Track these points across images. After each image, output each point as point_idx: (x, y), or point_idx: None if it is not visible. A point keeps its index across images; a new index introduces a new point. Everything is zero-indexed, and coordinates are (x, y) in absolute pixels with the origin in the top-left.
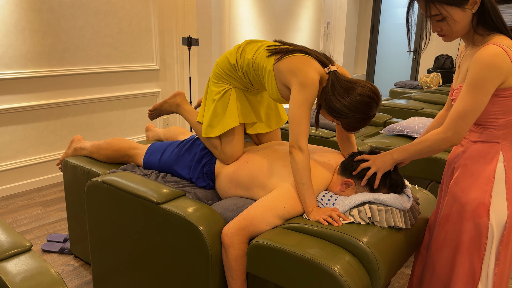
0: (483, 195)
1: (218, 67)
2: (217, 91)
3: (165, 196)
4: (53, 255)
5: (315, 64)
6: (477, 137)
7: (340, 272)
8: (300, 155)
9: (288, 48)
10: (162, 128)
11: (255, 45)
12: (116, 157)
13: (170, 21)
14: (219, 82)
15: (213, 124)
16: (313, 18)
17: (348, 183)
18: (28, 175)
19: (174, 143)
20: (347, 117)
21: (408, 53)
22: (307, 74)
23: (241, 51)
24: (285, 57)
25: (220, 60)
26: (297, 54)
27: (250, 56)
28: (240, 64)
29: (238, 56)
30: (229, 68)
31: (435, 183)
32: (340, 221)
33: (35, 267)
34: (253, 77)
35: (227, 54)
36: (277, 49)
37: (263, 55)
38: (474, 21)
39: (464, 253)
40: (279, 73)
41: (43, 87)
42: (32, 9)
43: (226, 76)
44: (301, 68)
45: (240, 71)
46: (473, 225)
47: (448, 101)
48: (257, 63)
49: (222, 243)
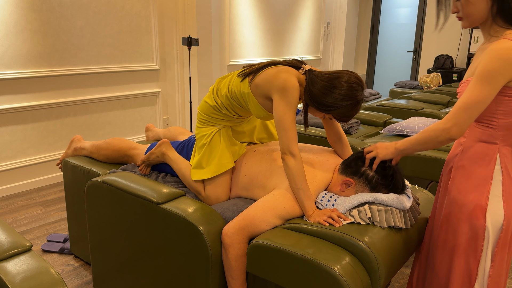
0: (480, 197)
1: (201, 113)
2: (207, 135)
3: (165, 196)
4: (53, 255)
5: (288, 69)
6: (476, 136)
7: (340, 272)
8: (293, 160)
9: (257, 67)
10: (162, 128)
11: (226, 79)
12: (116, 157)
13: (170, 21)
14: (205, 126)
15: (204, 165)
16: (313, 18)
17: (348, 182)
18: (28, 175)
19: (174, 143)
20: (337, 108)
21: (408, 53)
22: (284, 79)
23: (216, 91)
24: (257, 74)
25: (201, 106)
26: (268, 68)
27: (225, 89)
28: (220, 103)
29: (215, 97)
30: (212, 111)
31: (435, 183)
32: (340, 222)
33: (35, 267)
34: (237, 108)
35: (205, 99)
36: (247, 71)
37: (237, 82)
38: (494, 9)
39: (461, 255)
40: (257, 89)
41: (43, 87)
42: (32, 9)
43: (212, 120)
44: (276, 75)
45: (223, 108)
46: (470, 226)
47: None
48: (233, 92)
49: (222, 243)
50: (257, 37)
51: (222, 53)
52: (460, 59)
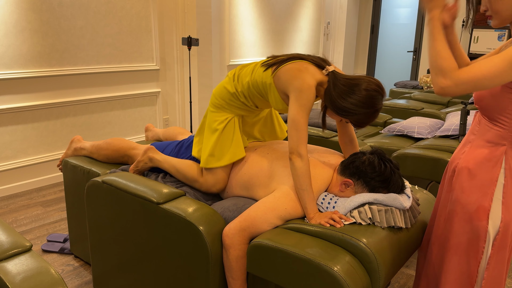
0: (484, 198)
1: (217, 97)
2: (219, 121)
3: (165, 196)
4: (53, 255)
5: (311, 68)
6: (485, 135)
7: (340, 272)
8: (300, 161)
9: (282, 59)
10: (162, 128)
11: (248, 68)
12: (115, 157)
13: (170, 21)
14: (219, 111)
15: (216, 153)
16: (313, 18)
17: (347, 183)
18: (28, 175)
19: (173, 144)
20: (355, 114)
21: (408, 53)
22: (303, 80)
23: (236, 77)
24: (281, 66)
25: (218, 90)
26: (293, 62)
27: (248, 78)
28: (240, 91)
29: (235, 84)
30: (229, 97)
31: (435, 183)
32: (342, 222)
33: (35, 267)
34: (257, 98)
35: (224, 84)
36: (272, 62)
37: (260, 72)
38: None
39: (462, 255)
40: (278, 82)
41: (43, 87)
42: (32, 9)
43: (227, 106)
44: (296, 75)
45: (242, 96)
46: (472, 227)
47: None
48: (255, 81)
49: (223, 244)
50: (257, 37)
51: (222, 53)
52: None
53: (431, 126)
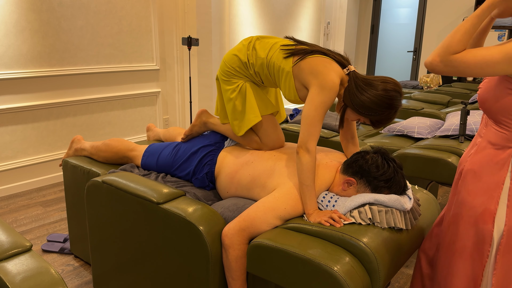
0: (490, 201)
1: (226, 64)
2: (231, 89)
3: (165, 196)
4: (53, 255)
5: (335, 66)
6: (491, 137)
7: (340, 272)
8: (307, 156)
9: (306, 49)
10: (162, 129)
11: (266, 42)
12: (115, 159)
13: (170, 21)
14: (230, 79)
15: (244, 114)
16: (313, 18)
17: (350, 181)
18: (28, 175)
19: (171, 145)
20: (377, 113)
21: (408, 53)
22: (328, 76)
23: (252, 47)
24: (305, 58)
25: (228, 57)
26: (317, 55)
27: (264, 55)
28: (251, 62)
29: (249, 54)
30: (239, 65)
31: (435, 183)
32: (341, 222)
33: (35, 267)
34: (265, 77)
35: (235, 51)
36: (294, 50)
37: (279, 55)
38: None
39: (467, 258)
40: (300, 73)
41: (43, 87)
42: (32, 9)
43: (236, 73)
44: (322, 70)
45: (252, 69)
46: (477, 230)
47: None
48: (272, 63)
49: (222, 244)
50: None
51: (222, 53)
52: None
53: (431, 126)
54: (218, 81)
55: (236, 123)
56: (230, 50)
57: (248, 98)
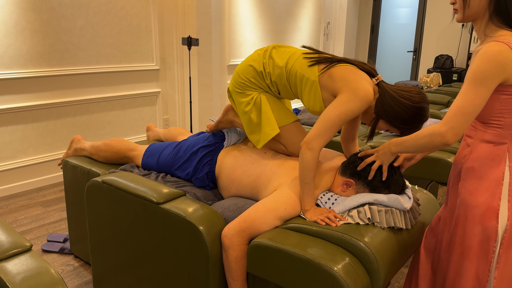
0: (492, 198)
1: (240, 75)
2: (246, 102)
3: (165, 196)
4: (53, 255)
5: (365, 75)
6: (484, 136)
7: (340, 272)
8: (309, 154)
9: (332, 58)
10: (162, 129)
11: (283, 51)
12: (115, 159)
13: (170, 21)
14: (244, 90)
15: (260, 126)
16: (313, 18)
17: (348, 183)
18: (28, 175)
19: (172, 145)
20: (411, 125)
21: (408, 53)
22: (362, 85)
23: (268, 55)
24: (333, 66)
25: (242, 68)
26: (345, 64)
27: (282, 64)
28: (268, 71)
29: (265, 62)
30: (254, 75)
31: (435, 183)
32: (337, 222)
33: (35, 267)
34: (283, 87)
35: (249, 62)
36: (319, 58)
37: (303, 64)
38: (491, 7)
39: (473, 258)
40: (328, 81)
41: (43, 87)
42: (32, 9)
43: (251, 84)
44: (355, 78)
45: (268, 79)
46: (482, 228)
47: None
48: (294, 72)
49: (222, 245)
50: (257, 37)
51: (222, 53)
52: (460, 59)
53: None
54: (230, 93)
55: (254, 136)
56: (244, 61)
57: (263, 110)
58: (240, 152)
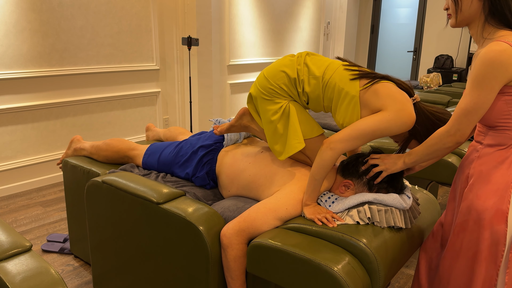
0: (501, 201)
1: (269, 81)
2: (274, 110)
3: (165, 196)
4: (53, 255)
5: (408, 97)
6: (492, 140)
7: (340, 273)
8: (330, 154)
9: (375, 73)
10: (162, 129)
11: (318, 59)
12: (115, 158)
13: (170, 21)
14: (273, 98)
15: (279, 145)
16: (313, 18)
17: (347, 184)
18: (28, 175)
19: (173, 144)
20: None
21: (408, 53)
22: (409, 110)
23: (303, 62)
24: (377, 82)
25: (272, 73)
26: (388, 82)
27: (319, 74)
28: (302, 79)
29: (299, 69)
30: (286, 82)
31: (435, 183)
32: (334, 222)
33: (35, 267)
34: (316, 98)
35: (281, 67)
36: (362, 72)
37: (343, 76)
38: (486, 9)
39: (482, 262)
40: (372, 97)
41: (43, 87)
42: (32, 9)
43: (281, 91)
44: (403, 101)
45: (300, 87)
46: (491, 232)
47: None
48: (333, 84)
49: (221, 244)
50: (257, 37)
51: (222, 53)
52: (460, 59)
53: None
54: (254, 99)
55: (277, 147)
56: (273, 65)
57: (291, 121)
58: (240, 151)
